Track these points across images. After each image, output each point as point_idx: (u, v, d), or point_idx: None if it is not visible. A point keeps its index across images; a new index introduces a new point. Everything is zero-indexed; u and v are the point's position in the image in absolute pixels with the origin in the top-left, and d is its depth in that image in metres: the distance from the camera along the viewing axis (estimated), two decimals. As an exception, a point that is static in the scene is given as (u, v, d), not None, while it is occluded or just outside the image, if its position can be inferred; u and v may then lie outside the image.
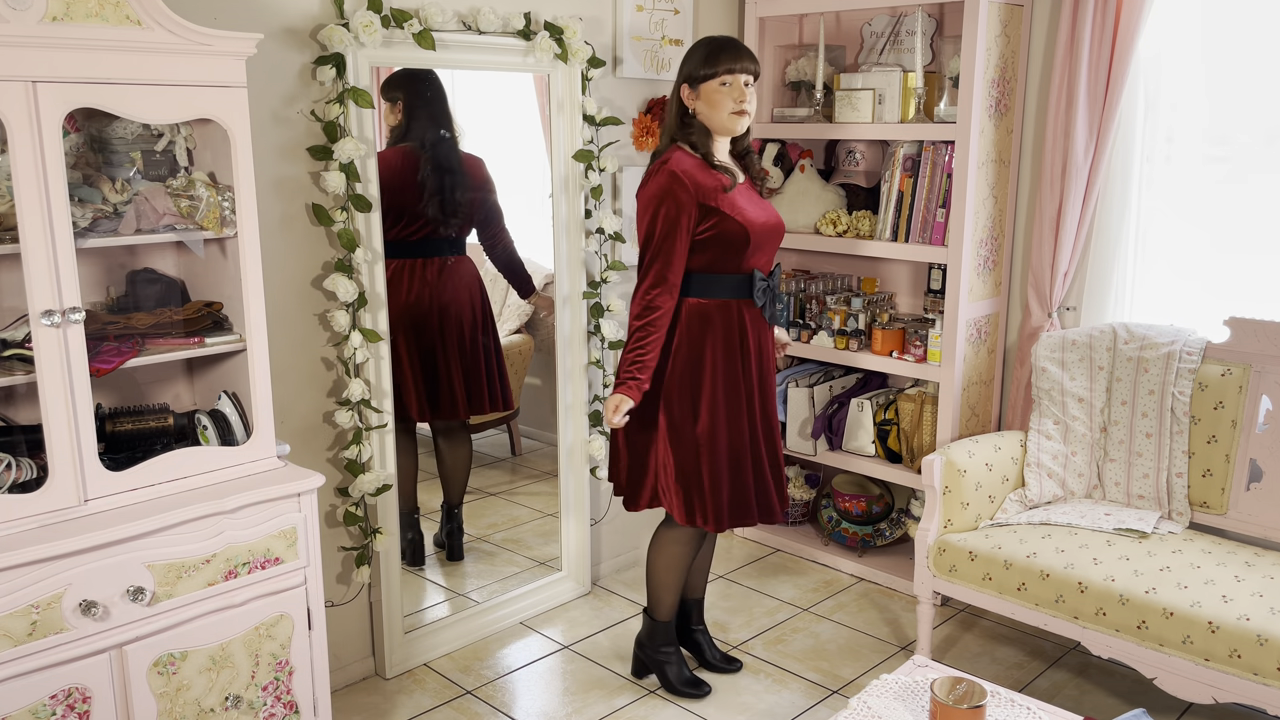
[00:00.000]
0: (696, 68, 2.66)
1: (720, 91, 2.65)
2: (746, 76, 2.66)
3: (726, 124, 2.67)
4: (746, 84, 2.66)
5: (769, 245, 2.76)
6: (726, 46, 2.66)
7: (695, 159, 2.67)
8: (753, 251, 2.69)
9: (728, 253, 2.66)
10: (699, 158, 2.67)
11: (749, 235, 2.65)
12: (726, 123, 2.67)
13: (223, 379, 2.43)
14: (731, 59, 2.64)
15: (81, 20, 1.94)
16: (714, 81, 2.64)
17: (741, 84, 2.65)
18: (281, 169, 2.67)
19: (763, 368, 2.81)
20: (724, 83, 2.64)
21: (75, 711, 2.05)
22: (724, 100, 2.65)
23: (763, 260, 2.75)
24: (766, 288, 2.75)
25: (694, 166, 2.64)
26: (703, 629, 3.13)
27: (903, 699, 2.06)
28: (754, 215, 2.68)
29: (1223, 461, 2.93)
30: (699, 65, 2.66)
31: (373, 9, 2.69)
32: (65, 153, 2.01)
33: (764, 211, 2.74)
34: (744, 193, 2.72)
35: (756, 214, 2.70)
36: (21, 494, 2.02)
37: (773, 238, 2.76)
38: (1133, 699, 2.95)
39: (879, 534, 3.81)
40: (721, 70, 2.64)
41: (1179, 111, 3.17)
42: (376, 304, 2.86)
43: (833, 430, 3.74)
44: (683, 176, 2.60)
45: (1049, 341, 3.19)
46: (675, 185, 2.59)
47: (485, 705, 2.96)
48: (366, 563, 2.96)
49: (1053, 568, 2.75)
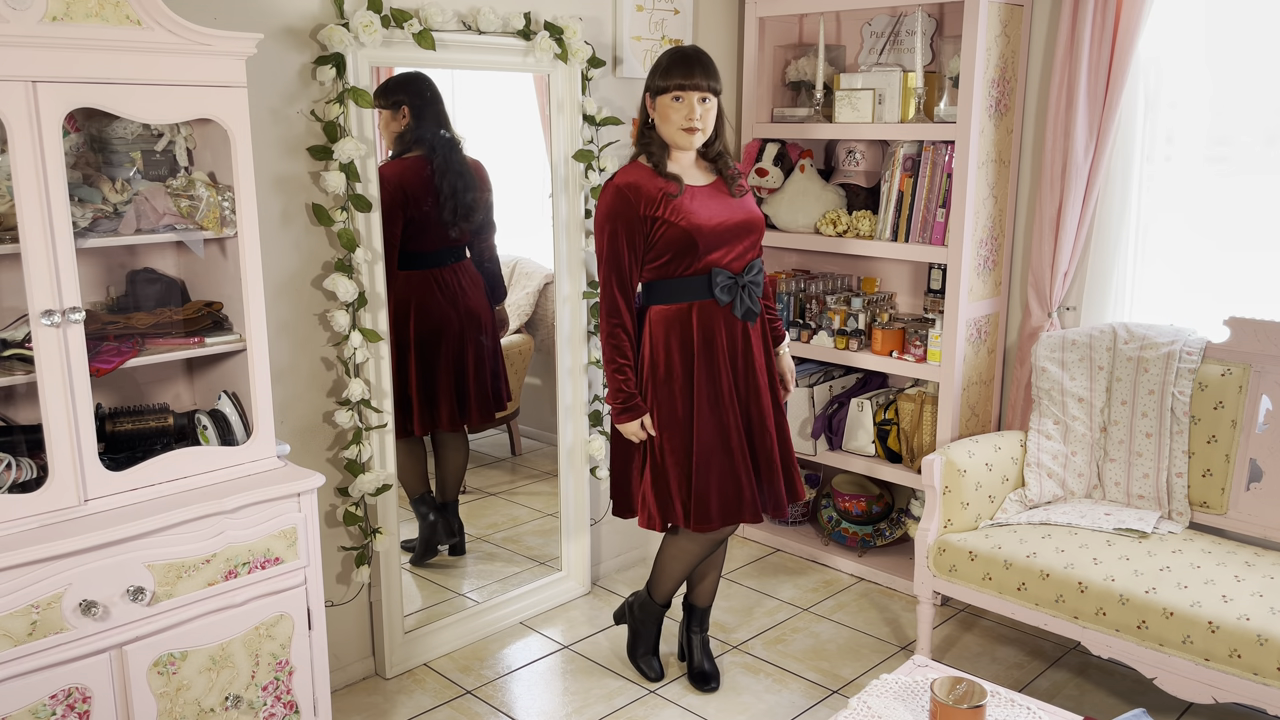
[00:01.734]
0: (653, 79, 2.68)
1: (672, 107, 2.65)
2: (700, 94, 2.63)
3: (675, 139, 2.67)
4: (703, 100, 2.64)
5: (733, 243, 2.72)
6: (683, 61, 2.64)
7: (645, 169, 2.70)
8: (706, 251, 2.68)
9: (681, 256, 2.68)
10: (649, 168, 2.69)
11: (694, 237, 2.65)
12: (675, 138, 2.67)
13: (223, 379, 2.43)
14: (683, 75, 2.62)
15: (81, 20, 1.94)
16: (667, 96, 2.65)
17: (695, 100, 2.63)
18: (281, 169, 2.68)
19: (745, 364, 2.78)
20: (676, 98, 2.64)
21: (75, 711, 2.05)
22: (674, 115, 2.65)
23: (728, 258, 2.72)
24: (732, 285, 2.72)
25: (641, 177, 2.67)
26: (700, 636, 3.08)
27: (903, 699, 2.06)
28: (705, 216, 2.67)
29: (1223, 461, 2.93)
30: (656, 77, 2.67)
31: (373, 9, 2.69)
32: (65, 153, 2.01)
33: (726, 210, 2.72)
34: (705, 194, 2.71)
35: (710, 214, 2.68)
36: (21, 494, 2.02)
37: (737, 235, 2.73)
38: (1133, 699, 2.95)
39: (879, 534, 3.81)
40: (673, 85, 2.63)
41: (1179, 111, 3.17)
42: (376, 304, 2.86)
43: (833, 430, 3.74)
44: (626, 190, 2.65)
45: (1049, 341, 3.19)
46: (617, 201, 2.65)
47: (485, 705, 2.96)
48: (366, 563, 2.96)
49: (1053, 568, 2.75)
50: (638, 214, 2.64)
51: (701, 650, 3.08)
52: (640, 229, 2.66)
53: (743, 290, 2.75)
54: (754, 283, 2.78)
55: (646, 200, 2.64)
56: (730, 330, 2.76)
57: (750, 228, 2.77)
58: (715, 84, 2.65)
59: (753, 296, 2.77)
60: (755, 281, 2.78)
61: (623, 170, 2.74)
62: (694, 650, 3.07)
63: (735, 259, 2.74)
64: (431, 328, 3.26)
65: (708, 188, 2.74)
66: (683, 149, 2.70)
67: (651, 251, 2.69)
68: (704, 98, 2.64)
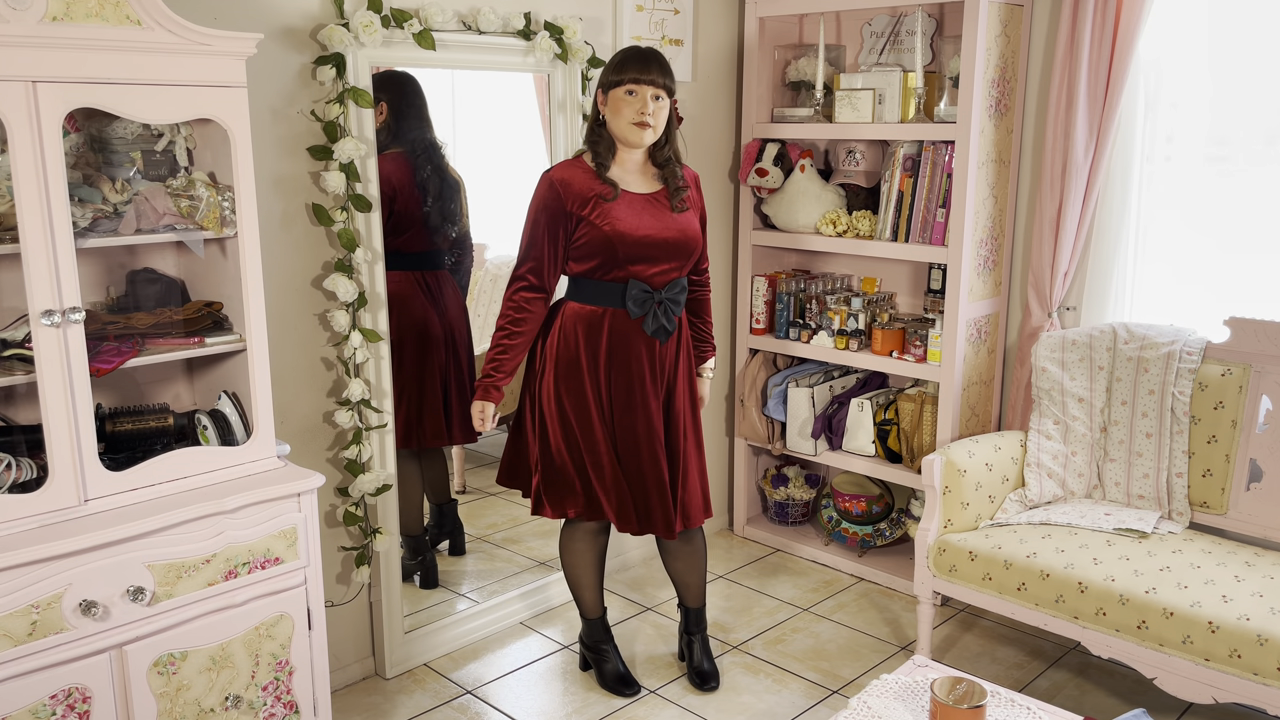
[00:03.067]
0: (608, 73, 2.67)
1: (624, 100, 2.64)
2: (654, 90, 2.62)
3: (625, 134, 2.65)
4: (656, 96, 2.63)
5: (657, 258, 2.69)
6: (638, 56, 2.64)
7: (585, 167, 2.69)
8: (626, 261, 2.66)
9: (604, 261, 2.67)
10: (591, 168, 2.69)
11: (614, 245, 2.64)
12: (625, 133, 2.65)
13: (223, 379, 2.43)
14: (639, 69, 2.62)
15: (81, 20, 1.94)
16: (620, 89, 2.64)
17: (648, 96, 2.62)
18: (281, 169, 2.68)
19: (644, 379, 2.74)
20: (629, 91, 2.63)
21: (75, 711, 2.05)
22: (626, 109, 2.63)
23: (650, 272, 2.69)
24: (647, 299, 2.70)
25: (576, 175, 2.68)
26: (698, 636, 3.08)
27: (903, 699, 2.06)
28: (631, 226, 2.65)
29: (1223, 461, 2.93)
30: (610, 71, 2.66)
31: (373, 9, 2.69)
32: (65, 153, 2.01)
33: (657, 224, 2.68)
34: (641, 203, 2.69)
35: (637, 225, 2.66)
36: (21, 494, 2.02)
37: (663, 251, 2.69)
38: (1133, 699, 2.95)
39: (879, 534, 3.81)
40: (627, 79, 2.62)
41: (1179, 111, 3.17)
42: (376, 304, 2.86)
43: (833, 430, 3.74)
44: (557, 185, 2.67)
45: (1049, 341, 3.19)
46: (548, 194, 2.68)
47: (485, 705, 2.96)
48: (366, 563, 2.96)
49: (1053, 568, 2.75)
50: (564, 209, 2.66)
51: (701, 650, 3.07)
52: (564, 225, 2.67)
53: (658, 306, 2.71)
54: (671, 300, 2.74)
55: (576, 198, 2.65)
56: (637, 343, 2.73)
57: (680, 247, 2.72)
58: (669, 83, 2.65)
59: (668, 314, 2.73)
60: (673, 299, 2.74)
61: (562, 164, 2.74)
62: (693, 650, 3.07)
63: (657, 274, 2.71)
64: (416, 330, 3.20)
65: (645, 197, 2.71)
66: (632, 145, 2.68)
67: (573, 250, 2.69)
68: (657, 94, 2.63)
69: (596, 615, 3.05)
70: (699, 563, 3.00)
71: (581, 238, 2.67)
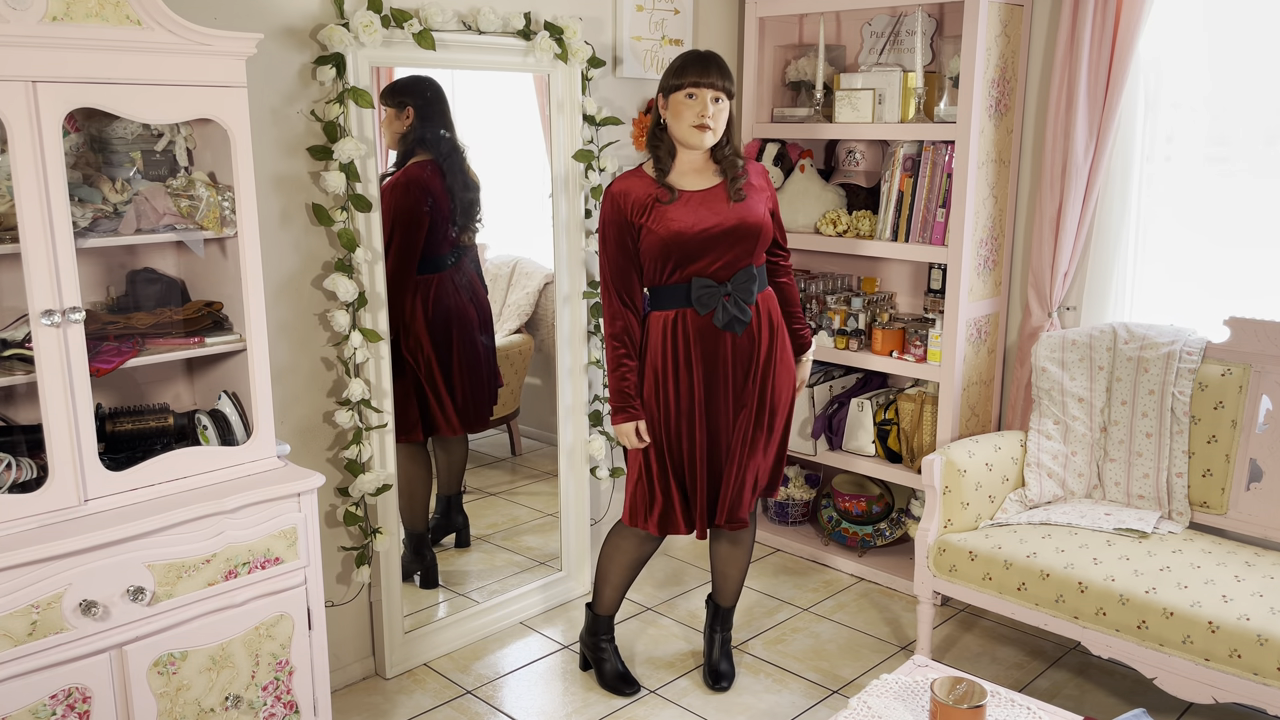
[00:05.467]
0: (668, 78, 2.69)
1: (684, 104, 2.65)
2: (714, 93, 2.64)
3: (686, 137, 2.67)
4: (716, 99, 2.64)
5: (719, 250, 2.68)
6: (698, 60, 2.66)
7: (643, 176, 2.72)
8: (685, 260, 2.67)
9: (663, 264, 2.69)
10: (650, 175, 2.72)
11: (669, 246, 2.65)
12: (686, 136, 2.66)
13: (223, 379, 2.43)
14: (698, 73, 2.63)
15: (81, 20, 1.94)
16: (680, 93, 2.66)
17: (708, 99, 2.63)
18: (281, 168, 2.68)
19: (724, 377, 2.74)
20: (690, 94, 2.64)
21: (75, 711, 2.05)
22: (686, 112, 2.65)
23: (714, 266, 2.69)
24: (712, 293, 2.70)
25: (633, 184, 2.71)
26: (722, 635, 3.09)
27: (903, 699, 2.06)
28: (688, 223, 2.65)
29: (1223, 461, 2.93)
30: (670, 75, 2.68)
31: (373, 9, 2.69)
32: (65, 153, 2.01)
33: (714, 215, 2.68)
34: (699, 200, 2.69)
35: (695, 221, 2.66)
36: (21, 494, 2.02)
37: (725, 241, 2.68)
38: (1133, 699, 2.95)
39: (879, 534, 3.81)
40: (687, 83, 2.64)
41: (1179, 111, 3.17)
42: (376, 304, 2.86)
43: (833, 430, 3.74)
44: (618, 198, 2.71)
45: (1049, 341, 3.19)
46: (610, 209, 2.72)
47: (485, 705, 2.96)
48: (366, 563, 2.96)
49: (1053, 568, 2.75)
50: (626, 219, 2.69)
51: (721, 649, 3.08)
52: (630, 234, 2.70)
53: (726, 299, 2.71)
54: (740, 291, 2.72)
55: (635, 207, 2.68)
56: (710, 340, 2.73)
57: (742, 233, 2.70)
58: (729, 85, 2.66)
59: (739, 305, 2.71)
60: (742, 290, 2.72)
61: (621, 176, 2.77)
62: (714, 648, 3.09)
63: (722, 267, 2.70)
64: (447, 327, 3.28)
65: (704, 193, 2.71)
66: (693, 148, 2.69)
67: (641, 257, 2.71)
68: (717, 97, 2.65)
69: (608, 614, 3.04)
70: (744, 555, 3.03)
71: (643, 244, 2.69)
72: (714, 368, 2.75)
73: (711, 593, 3.12)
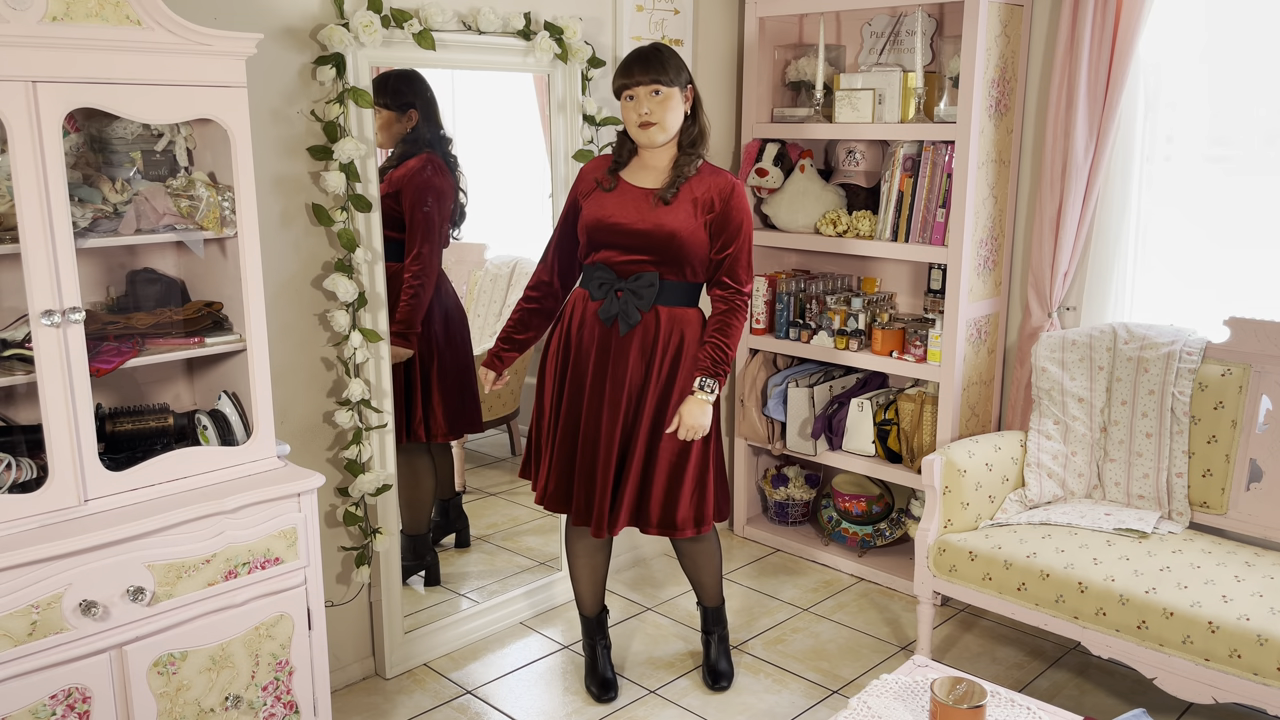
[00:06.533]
0: (613, 81, 2.73)
1: (627, 105, 2.69)
2: (649, 87, 2.63)
3: (636, 136, 2.71)
4: (655, 92, 2.63)
5: (625, 246, 2.69)
6: (632, 59, 2.67)
7: (606, 163, 2.82)
8: (595, 246, 2.75)
9: (584, 244, 2.79)
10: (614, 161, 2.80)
11: (586, 228, 2.75)
12: (635, 136, 2.71)
13: (223, 379, 2.43)
14: (626, 74, 2.66)
15: (81, 20, 1.94)
16: (623, 96, 2.70)
17: (643, 95, 2.64)
18: (281, 169, 2.67)
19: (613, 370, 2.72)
20: (630, 96, 2.67)
21: (75, 711, 2.05)
22: (630, 114, 2.68)
23: (617, 259, 2.70)
24: (607, 283, 2.71)
25: (596, 166, 2.85)
26: (715, 635, 3.09)
27: (903, 699, 2.06)
28: (607, 212, 2.71)
29: (1223, 461, 2.93)
30: (614, 79, 2.72)
31: (373, 9, 2.69)
32: (65, 153, 2.01)
33: (635, 213, 2.67)
34: (633, 195, 2.71)
35: (614, 212, 2.70)
36: (21, 494, 2.02)
37: (632, 240, 2.67)
38: (1133, 699, 2.95)
39: (879, 534, 3.81)
40: (625, 85, 2.67)
41: (1179, 111, 3.17)
42: (376, 304, 2.86)
43: (833, 430, 3.74)
44: (580, 174, 2.87)
45: (1049, 341, 3.19)
46: (575, 182, 2.89)
47: (485, 705, 2.96)
48: (366, 563, 2.96)
49: (1053, 568, 2.75)
50: (575, 194, 2.85)
51: (717, 648, 3.08)
52: (575, 207, 2.83)
53: (617, 293, 2.70)
54: (634, 291, 2.69)
55: (584, 185, 2.82)
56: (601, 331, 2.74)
57: (649, 239, 2.66)
58: (662, 75, 2.63)
59: (627, 304, 2.69)
60: (636, 291, 2.68)
61: (596, 158, 2.91)
62: (711, 648, 3.09)
63: (626, 262, 2.70)
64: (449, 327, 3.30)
65: (643, 190, 2.72)
66: (645, 145, 2.72)
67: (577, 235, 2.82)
68: (654, 90, 2.64)
69: (586, 614, 3.05)
70: (708, 563, 2.99)
71: (578, 222, 2.80)
72: (604, 358, 2.75)
73: (697, 598, 3.11)
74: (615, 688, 3.00)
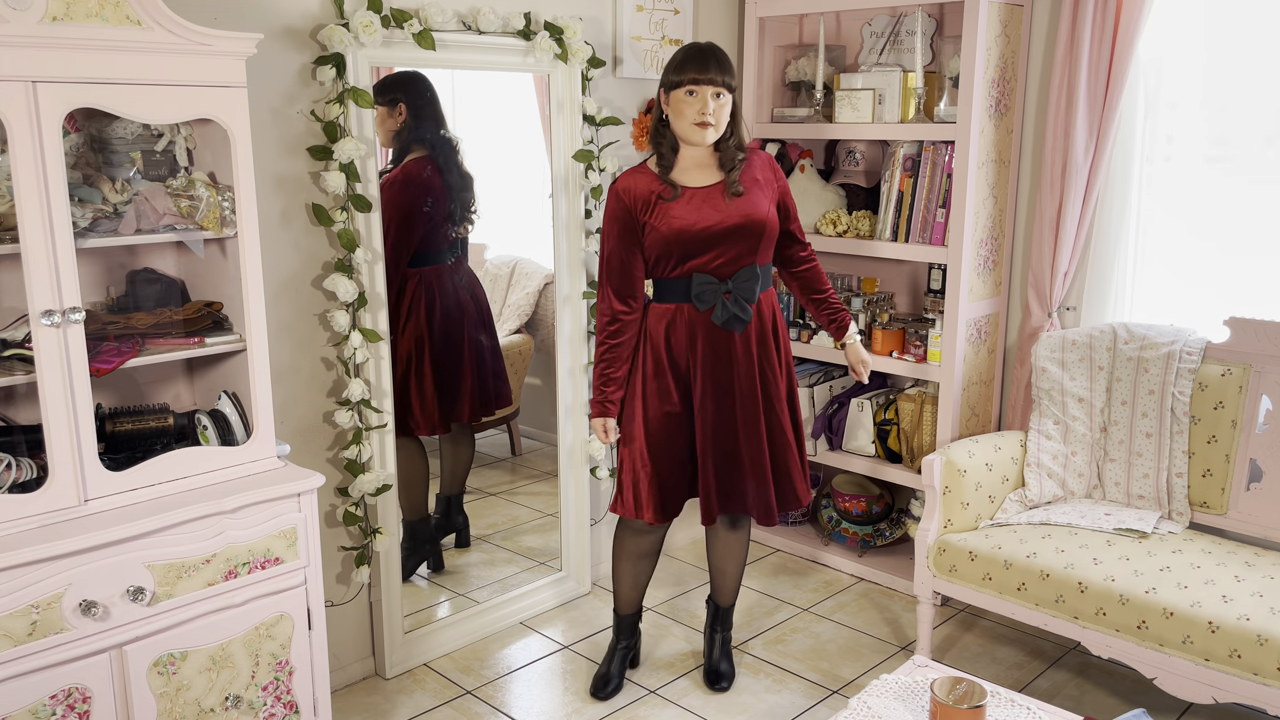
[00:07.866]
0: (669, 73, 2.66)
1: (685, 101, 2.63)
2: (714, 89, 2.61)
3: (688, 134, 2.65)
4: (717, 95, 2.62)
5: (721, 247, 2.67)
6: (697, 55, 2.63)
7: (646, 173, 2.72)
8: (686, 256, 2.67)
9: (665, 259, 2.69)
10: (653, 171, 2.71)
11: (671, 243, 2.66)
12: (688, 133, 2.65)
13: (223, 379, 2.43)
14: (698, 69, 2.60)
15: (81, 20, 1.94)
16: (681, 90, 2.63)
17: (708, 95, 2.61)
18: (281, 169, 2.68)
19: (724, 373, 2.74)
20: (690, 91, 2.62)
21: (75, 711, 2.05)
22: (687, 110, 2.63)
23: (715, 263, 2.68)
24: (712, 290, 2.69)
25: (637, 181, 2.71)
26: (721, 635, 3.10)
27: (903, 699, 2.06)
28: (689, 220, 2.65)
29: (1223, 461, 2.93)
30: (671, 71, 2.66)
31: (373, 9, 2.69)
32: (65, 153, 2.01)
33: (717, 213, 2.67)
34: (702, 197, 2.68)
35: (697, 218, 2.65)
36: (21, 494, 2.02)
37: (728, 239, 2.67)
38: (1133, 699, 2.95)
39: (879, 534, 3.81)
40: (687, 79, 2.61)
41: (1179, 112, 3.17)
42: (376, 304, 2.86)
43: (833, 430, 3.74)
44: (622, 195, 2.71)
45: (1049, 341, 3.19)
46: (615, 205, 2.72)
47: (485, 705, 2.96)
48: (366, 563, 2.96)
49: (1053, 568, 2.75)
50: (632, 216, 2.69)
51: (720, 649, 3.08)
52: (635, 230, 2.70)
53: (726, 296, 2.70)
54: (742, 289, 2.70)
55: (639, 203, 2.68)
56: (713, 335, 2.73)
57: (743, 231, 2.68)
58: (729, 79, 2.63)
59: (739, 304, 2.70)
60: (743, 288, 2.70)
61: (625, 173, 2.76)
62: (714, 648, 3.09)
63: (725, 263, 2.69)
64: (447, 322, 3.29)
65: (706, 189, 2.70)
66: (694, 145, 2.68)
67: (646, 253, 2.72)
68: (718, 93, 2.62)
69: (624, 611, 3.05)
70: (742, 552, 3.03)
71: (648, 241, 2.69)
72: (713, 362, 2.74)
73: (710, 593, 3.12)
74: (611, 688, 3.00)
